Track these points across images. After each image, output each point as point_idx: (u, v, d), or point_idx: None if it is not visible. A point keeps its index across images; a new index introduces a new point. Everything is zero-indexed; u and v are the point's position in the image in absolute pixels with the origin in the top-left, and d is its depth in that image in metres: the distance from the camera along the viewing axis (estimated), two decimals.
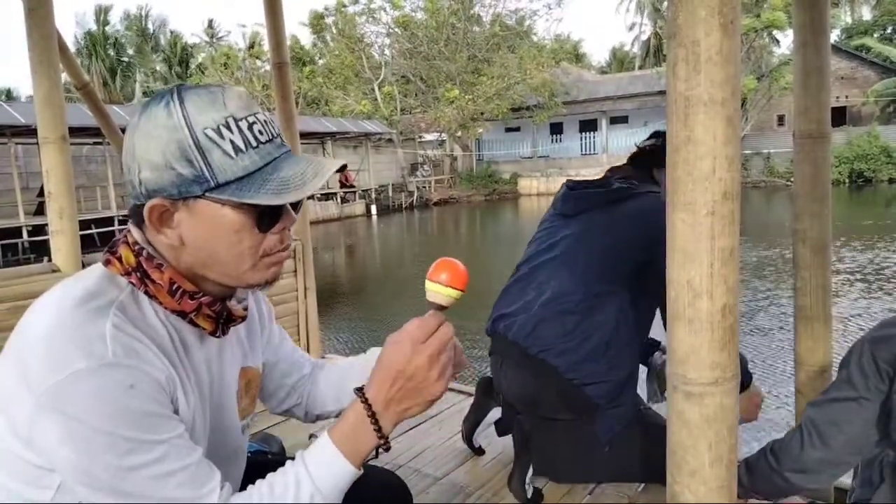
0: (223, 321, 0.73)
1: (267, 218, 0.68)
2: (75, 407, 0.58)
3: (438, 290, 0.70)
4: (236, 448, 0.83)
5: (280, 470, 0.68)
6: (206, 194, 0.65)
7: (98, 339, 0.60)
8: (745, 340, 5.26)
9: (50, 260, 1.94)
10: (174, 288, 0.68)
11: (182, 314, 0.69)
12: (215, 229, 0.66)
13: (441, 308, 0.71)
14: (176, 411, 0.66)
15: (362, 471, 0.70)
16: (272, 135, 0.68)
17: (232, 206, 0.66)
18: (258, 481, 0.68)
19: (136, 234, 0.70)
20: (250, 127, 0.66)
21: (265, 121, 0.69)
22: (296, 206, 0.73)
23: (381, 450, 0.70)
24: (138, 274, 0.68)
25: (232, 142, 0.65)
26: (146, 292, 0.68)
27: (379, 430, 0.68)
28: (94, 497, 0.61)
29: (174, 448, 0.62)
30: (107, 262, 0.69)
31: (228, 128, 0.65)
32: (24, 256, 11.92)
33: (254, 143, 0.66)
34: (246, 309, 0.77)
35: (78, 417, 0.58)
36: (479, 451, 1.77)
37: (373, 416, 0.68)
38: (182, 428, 0.65)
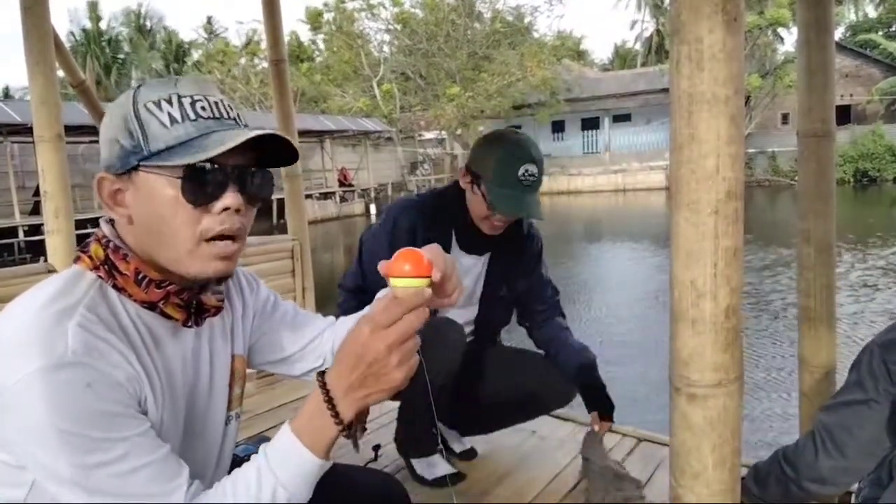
0: (195, 311, 0.73)
1: (196, 190, 0.65)
2: (34, 406, 0.58)
3: (404, 284, 0.65)
4: (217, 442, 0.82)
5: (245, 464, 0.67)
6: (141, 164, 0.66)
7: (59, 338, 0.60)
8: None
9: (46, 260, 1.93)
10: (140, 277, 0.68)
11: (151, 305, 0.69)
12: (152, 202, 0.67)
13: None
14: (145, 411, 0.66)
15: (331, 461, 0.67)
16: (221, 115, 0.68)
17: (166, 177, 0.66)
18: (224, 477, 0.67)
19: (105, 229, 0.72)
20: (193, 103, 0.67)
21: (216, 102, 0.68)
22: (250, 190, 0.69)
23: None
24: (106, 266, 0.68)
25: (169, 114, 0.66)
26: (114, 285, 0.68)
27: (336, 415, 0.64)
28: (61, 494, 0.61)
29: (136, 446, 0.62)
30: (77, 259, 0.70)
31: (169, 102, 0.66)
32: (20, 256, 11.94)
33: (192, 117, 0.66)
34: (221, 300, 0.76)
35: (37, 416, 0.58)
36: (472, 454, 1.77)
37: (330, 401, 0.64)
38: (146, 425, 0.64)
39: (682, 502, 0.71)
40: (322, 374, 0.67)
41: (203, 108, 0.67)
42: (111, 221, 0.72)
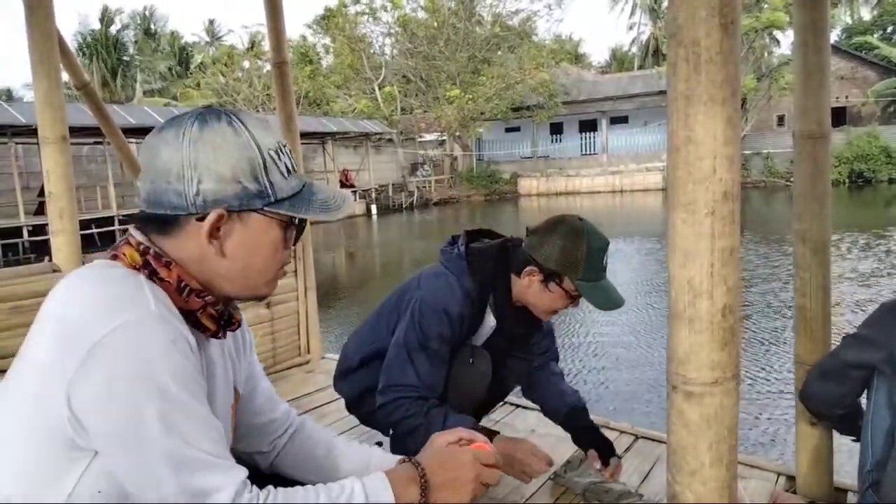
0: (224, 322, 0.75)
1: (296, 235, 0.77)
2: (124, 356, 0.60)
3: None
4: None
5: (337, 482, 0.74)
6: (265, 208, 0.71)
7: (139, 292, 0.64)
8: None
9: (50, 260, 1.94)
10: (182, 285, 0.70)
11: (188, 313, 0.71)
12: (260, 242, 0.72)
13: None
14: None
15: None
16: (297, 164, 0.78)
17: (279, 221, 0.73)
18: (308, 486, 0.72)
19: (139, 236, 0.72)
20: (290, 154, 0.76)
21: (290, 149, 0.78)
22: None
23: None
24: (146, 271, 0.70)
25: (285, 164, 0.74)
26: None
27: (424, 493, 0.76)
28: (132, 456, 0.61)
29: (208, 413, 0.65)
30: (114, 258, 0.71)
31: (281, 151, 0.74)
32: (24, 256, 11.93)
33: (295, 169, 0.76)
34: (240, 315, 0.81)
35: (127, 366, 0.60)
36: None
37: (424, 480, 0.78)
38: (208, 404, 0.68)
39: (678, 500, 0.72)
40: (412, 458, 0.82)
41: (295, 160, 0.77)
42: (142, 228, 0.72)
